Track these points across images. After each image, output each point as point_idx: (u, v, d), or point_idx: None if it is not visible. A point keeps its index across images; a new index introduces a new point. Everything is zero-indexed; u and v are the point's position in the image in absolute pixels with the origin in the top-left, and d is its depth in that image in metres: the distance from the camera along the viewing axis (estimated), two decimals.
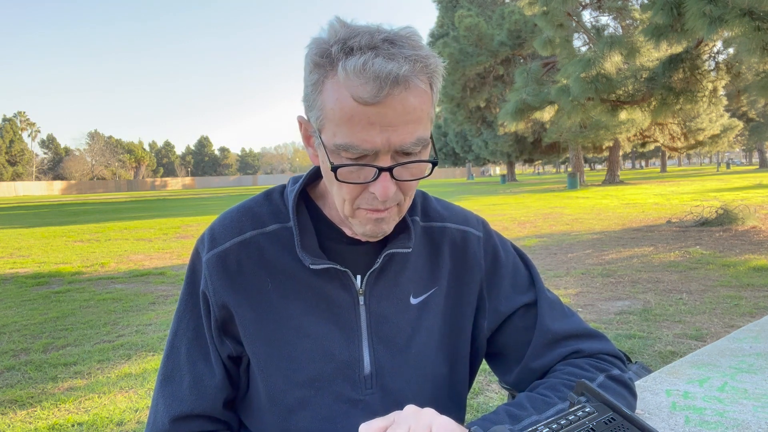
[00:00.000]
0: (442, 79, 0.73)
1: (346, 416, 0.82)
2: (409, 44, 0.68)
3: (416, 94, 0.68)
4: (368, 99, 0.65)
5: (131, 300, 5.76)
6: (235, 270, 0.81)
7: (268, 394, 0.82)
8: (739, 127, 27.92)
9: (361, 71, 0.64)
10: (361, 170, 0.70)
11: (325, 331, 0.81)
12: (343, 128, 0.67)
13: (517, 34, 23.33)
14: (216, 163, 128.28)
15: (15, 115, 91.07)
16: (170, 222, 15.61)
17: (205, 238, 0.85)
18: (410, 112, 0.67)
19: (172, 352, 0.85)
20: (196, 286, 0.84)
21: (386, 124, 0.66)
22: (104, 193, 65.96)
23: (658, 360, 3.43)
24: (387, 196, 0.70)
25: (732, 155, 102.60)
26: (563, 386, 0.80)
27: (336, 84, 0.67)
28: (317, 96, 0.69)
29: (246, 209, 0.86)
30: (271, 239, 0.83)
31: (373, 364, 0.83)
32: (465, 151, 43.70)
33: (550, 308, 0.89)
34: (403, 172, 0.71)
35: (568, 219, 12.30)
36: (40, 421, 2.93)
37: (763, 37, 6.39)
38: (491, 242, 0.93)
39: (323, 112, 0.69)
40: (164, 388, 0.84)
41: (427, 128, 0.72)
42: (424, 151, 0.72)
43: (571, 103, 10.09)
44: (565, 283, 5.79)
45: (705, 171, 51.23)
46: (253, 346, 0.81)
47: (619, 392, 0.82)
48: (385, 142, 0.67)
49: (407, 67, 0.65)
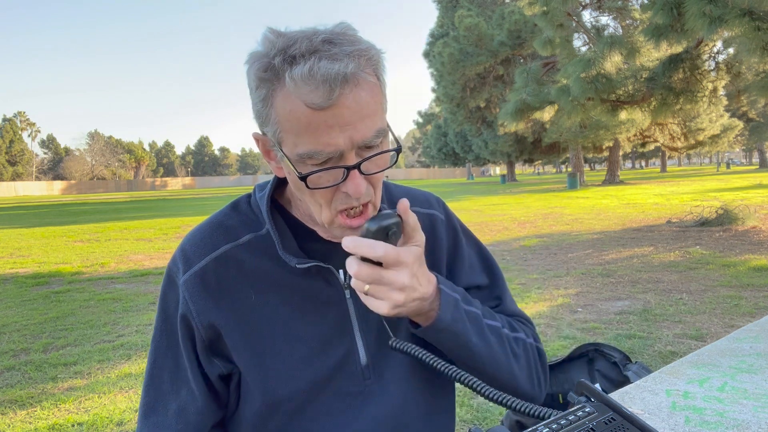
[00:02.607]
0: (384, 66, 0.73)
1: (349, 409, 0.83)
2: (347, 40, 0.68)
3: (366, 88, 0.68)
4: (321, 103, 0.65)
5: (131, 300, 5.76)
6: (216, 287, 0.80)
7: (268, 404, 0.82)
8: (739, 127, 27.92)
9: (309, 77, 0.64)
10: (329, 173, 0.70)
11: (316, 331, 0.81)
12: (303, 137, 0.67)
13: (517, 34, 23.33)
14: (216, 163, 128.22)
15: (15, 115, 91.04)
16: (170, 222, 15.62)
17: (178, 259, 0.83)
18: (364, 107, 0.67)
19: (152, 381, 0.84)
20: (171, 312, 0.83)
21: (344, 124, 0.66)
22: (104, 193, 65.95)
23: (658, 360, 3.43)
24: (360, 193, 0.70)
25: (732, 155, 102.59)
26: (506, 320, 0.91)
27: (286, 95, 0.66)
28: (269, 110, 0.69)
29: (216, 223, 0.85)
30: (246, 250, 0.82)
31: (367, 354, 0.84)
32: (465, 151, 43.69)
33: (509, 293, 0.99)
34: (370, 166, 0.72)
35: (568, 219, 12.30)
36: (40, 421, 2.93)
37: (763, 37, 6.39)
38: (452, 224, 0.97)
39: (279, 125, 0.69)
40: (148, 420, 0.82)
41: (383, 118, 0.72)
42: (384, 141, 0.73)
43: (571, 103, 10.09)
44: (565, 283, 5.78)
45: (705, 171, 51.23)
46: (246, 360, 0.81)
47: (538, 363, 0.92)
48: (347, 142, 0.67)
49: (353, 65, 0.65)
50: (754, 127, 38.80)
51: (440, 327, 0.77)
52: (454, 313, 0.78)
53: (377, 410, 0.83)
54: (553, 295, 5.31)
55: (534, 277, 6.16)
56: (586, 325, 4.25)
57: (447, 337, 0.78)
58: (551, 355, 3.57)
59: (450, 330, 0.78)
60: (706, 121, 25.19)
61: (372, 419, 0.83)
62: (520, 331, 0.91)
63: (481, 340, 0.81)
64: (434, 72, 30.46)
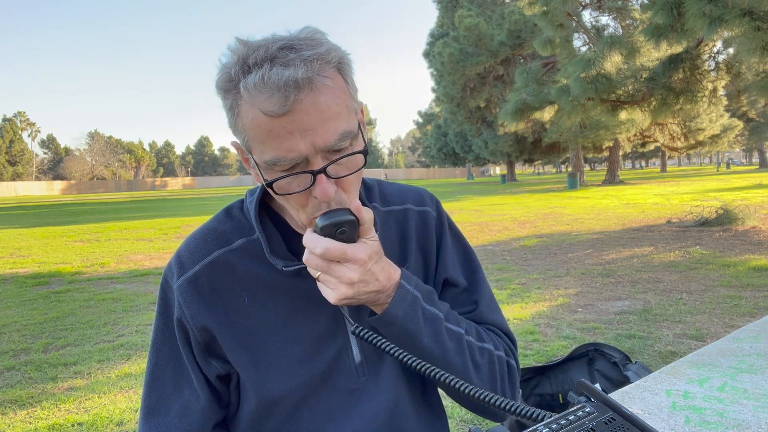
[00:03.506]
0: (352, 68, 0.73)
1: (345, 407, 0.84)
2: (308, 45, 0.67)
3: (325, 91, 0.67)
4: (277, 111, 0.64)
5: (131, 300, 5.76)
6: (209, 291, 0.81)
7: (264, 405, 0.83)
8: (739, 127, 27.92)
9: (262, 86, 0.64)
10: (297, 179, 0.70)
11: (309, 330, 0.82)
12: (267, 144, 0.67)
13: (517, 34, 23.33)
14: (216, 163, 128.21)
15: (15, 115, 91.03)
16: (170, 222, 15.61)
17: (173, 265, 0.84)
18: (325, 111, 0.67)
19: (154, 383, 0.84)
20: (169, 316, 0.84)
21: (305, 129, 0.66)
22: (104, 193, 65.93)
23: (658, 360, 3.43)
24: (329, 197, 0.69)
25: (732, 155, 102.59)
26: (473, 327, 0.88)
27: (245, 104, 0.67)
28: (236, 119, 0.69)
29: (209, 230, 0.86)
30: (239, 254, 0.83)
31: (361, 351, 0.85)
32: (465, 151, 43.69)
33: (488, 300, 0.96)
34: (339, 169, 0.71)
35: (568, 219, 12.30)
36: (40, 421, 2.93)
37: (763, 37, 6.39)
38: (441, 221, 0.98)
39: (246, 134, 0.69)
40: (149, 422, 0.82)
41: (351, 120, 0.71)
42: (354, 143, 0.72)
43: (571, 103, 10.09)
44: (565, 283, 5.79)
45: (705, 171, 51.23)
46: (240, 361, 0.82)
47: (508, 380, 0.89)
48: (309, 146, 0.67)
49: (304, 69, 0.65)
50: (754, 127, 38.79)
51: (388, 320, 0.77)
52: (408, 309, 0.78)
53: (372, 407, 0.84)
54: (553, 295, 5.31)
55: (534, 277, 6.16)
56: (586, 325, 4.25)
57: (396, 332, 0.78)
58: (551, 355, 3.57)
59: (399, 325, 0.77)
60: (706, 121, 25.20)
61: (367, 416, 0.84)
62: (489, 341, 0.88)
63: (435, 343, 0.80)
64: (434, 72, 30.48)
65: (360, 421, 0.83)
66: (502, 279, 6.13)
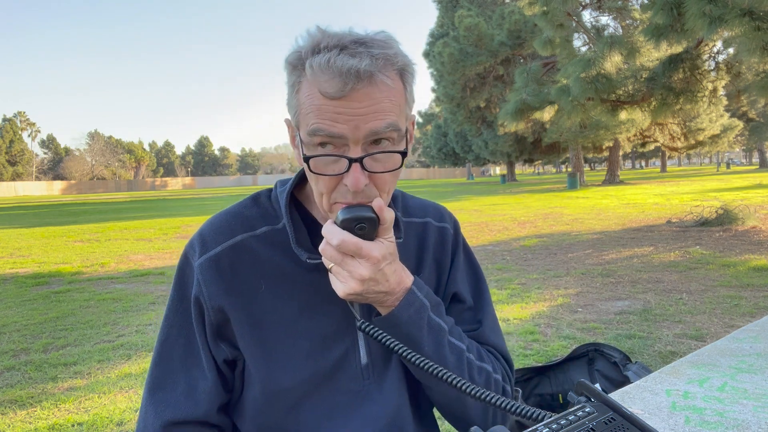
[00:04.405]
0: (414, 78, 0.76)
1: (347, 407, 0.84)
2: (379, 45, 0.71)
3: (382, 89, 0.70)
4: (334, 93, 0.68)
5: (131, 300, 5.76)
6: (229, 273, 0.82)
7: (267, 395, 0.83)
8: (739, 127, 27.92)
9: (326, 67, 0.68)
10: (335, 163, 0.72)
11: (319, 327, 0.83)
12: (314, 117, 0.70)
13: (517, 34, 23.33)
14: (216, 163, 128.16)
15: (15, 115, 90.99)
16: (170, 222, 15.61)
17: (195, 243, 0.85)
18: (377, 103, 0.70)
19: (162, 359, 0.85)
20: (186, 291, 0.84)
21: (354, 115, 0.69)
22: (104, 193, 65.90)
23: (658, 360, 3.43)
24: (358, 187, 0.71)
25: (732, 155, 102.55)
26: (475, 347, 0.88)
27: (307, 82, 0.71)
28: (295, 96, 0.74)
29: (235, 213, 0.87)
30: (261, 241, 0.84)
31: (368, 354, 0.85)
32: (465, 151, 43.67)
33: (491, 322, 0.96)
34: (375, 165, 0.73)
35: (568, 219, 12.30)
36: (40, 421, 2.93)
37: (763, 37, 6.39)
38: (457, 239, 1.00)
39: (299, 108, 0.73)
40: (154, 396, 0.83)
41: (400, 121, 0.73)
42: (397, 144, 0.74)
43: (571, 103, 10.09)
44: (565, 283, 5.79)
45: (705, 171, 51.22)
46: (250, 348, 0.82)
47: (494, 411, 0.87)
48: (353, 130, 0.69)
49: (368, 62, 0.68)
50: (754, 127, 38.77)
51: (392, 322, 0.78)
52: (413, 315, 0.78)
53: (373, 411, 0.84)
54: (553, 295, 5.31)
55: (534, 277, 6.16)
56: (586, 325, 4.25)
57: (398, 336, 0.78)
58: (551, 355, 3.57)
59: (402, 329, 0.78)
60: (706, 121, 25.19)
61: (368, 419, 0.84)
62: (488, 363, 0.88)
63: (436, 354, 0.80)
64: (434, 72, 30.45)
65: (360, 424, 0.83)
66: (502, 279, 6.13)
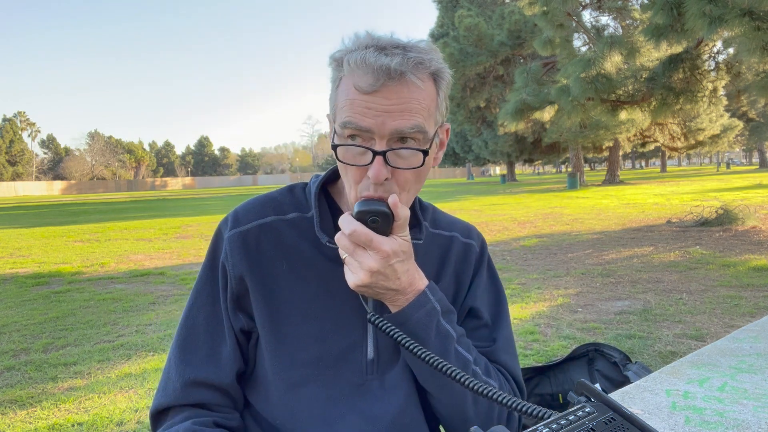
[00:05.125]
0: (448, 84, 0.80)
1: (347, 398, 0.84)
2: (416, 49, 0.75)
3: (412, 89, 0.74)
4: (365, 88, 0.73)
5: (131, 300, 5.76)
6: (254, 249, 0.86)
7: (273, 370, 0.85)
8: (739, 127, 27.91)
9: (361, 63, 0.73)
10: (361, 155, 0.76)
11: (332, 314, 0.85)
12: (347, 110, 0.75)
13: (517, 34, 23.32)
14: (216, 163, 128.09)
15: (15, 115, 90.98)
16: (170, 222, 15.61)
17: (229, 219, 0.90)
18: (406, 102, 0.74)
19: (188, 320, 0.88)
20: (216, 260, 0.89)
21: (382, 111, 0.73)
22: (104, 193, 65.91)
23: (658, 360, 3.43)
24: (379, 179, 0.74)
25: (732, 155, 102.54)
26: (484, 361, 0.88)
27: (345, 78, 0.76)
28: (335, 91, 0.79)
29: (269, 198, 0.93)
30: (289, 225, 0.89)
31: (375, 349, 0.86)
32: (465, 151, 43.66)
33: (506, 342, 0.95)
34: (398, 161, 0.76)
35: (568, 219, 12.30)
36: (40, 421, 2.93)
37: (763, 37, 6.38)
38: (482, 258, 1.01)
39: (336, 103, 0.78)
40: (180, 355, 0.86)
41: (428, 123, 0.77)
42: (424, 146, 0.77)
43: (571, 103, 10.08)
44: (565, 283, 5.79)
45: (705, 171, 51.21)
46: (263, 322, 0.85)
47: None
48: (380, 124, 0.73)
49: (399, 60, 0.72)
50: (754, 127, 38.80)
51: (401, 321, 0.79)
52: (423, 317, 0.79)
53: (370, 407, 0.84)
54: (553, 295, 5.31)
55: (534, 277, 6.16)
56: (586, 325, 4.25)
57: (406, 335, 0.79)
58: (552, 355, 3.57)
59: (410, 330, 0.79)
60: (706, 121, 25.18)
61: (367, 416, 0.84)
62: (495, 379, 0.87)
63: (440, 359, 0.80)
64: None
65: (359, 420, 0.83)
66: (502, 279, 6.07)
